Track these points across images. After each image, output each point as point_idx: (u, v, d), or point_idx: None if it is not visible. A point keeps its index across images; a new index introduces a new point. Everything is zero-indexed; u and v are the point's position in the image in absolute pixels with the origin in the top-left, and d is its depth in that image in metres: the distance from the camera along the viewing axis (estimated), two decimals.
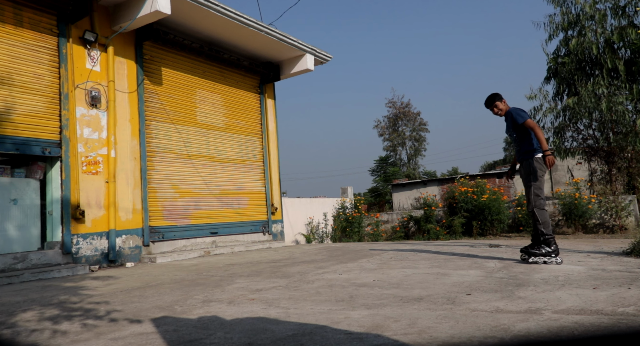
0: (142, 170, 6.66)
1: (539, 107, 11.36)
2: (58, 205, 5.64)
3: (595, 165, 11.48)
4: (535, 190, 4.41)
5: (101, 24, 6.32)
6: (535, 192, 4.41)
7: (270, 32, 7.90)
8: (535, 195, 4.40)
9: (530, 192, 4.45)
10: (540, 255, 4.35)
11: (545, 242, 4.35)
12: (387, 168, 46.84)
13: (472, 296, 2.95)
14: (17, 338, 2.45)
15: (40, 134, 5.56)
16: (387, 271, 4.34)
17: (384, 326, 2.30)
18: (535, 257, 4.38)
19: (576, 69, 11.10)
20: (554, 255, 4.33)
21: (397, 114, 48.55)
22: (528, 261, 4.42)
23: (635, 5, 10.35)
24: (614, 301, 2.62)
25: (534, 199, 4.40)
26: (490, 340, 1.99)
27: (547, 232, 4.33)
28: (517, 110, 4.58)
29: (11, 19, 5.44)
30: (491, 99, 4.76)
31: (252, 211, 8.59)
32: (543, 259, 4.33)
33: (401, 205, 25.98)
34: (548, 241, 4.34)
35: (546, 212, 4.42)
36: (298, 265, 5.18)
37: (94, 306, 3.22)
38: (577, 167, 17.81)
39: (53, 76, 5.77)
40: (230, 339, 2.23)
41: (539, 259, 4.35)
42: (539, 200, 4.40)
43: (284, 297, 3.25)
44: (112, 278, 4.78)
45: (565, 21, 11.23)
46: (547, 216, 4.39)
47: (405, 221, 11.02)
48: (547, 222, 4.37)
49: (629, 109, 10.17)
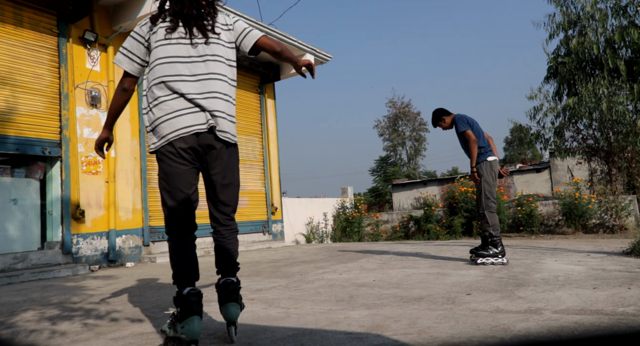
0: (142, 170, 6.66)
1: (539, 107, 11.35)
2: (58, 205, 5.64)
3: (595, 165, 11.47)
4: (486, 193, 4.58)
5: (101, 23, 6.32)
6: (486, 195, 4.58)
7: (270, 32, 7.90)
8: (486, 198, 4.57)
9: (481, 195, 4.61)
10: (488, 256, 4.50)
11: (493, 244, 4.52)
12: (387, 168, 46.84)
13: (472, 296, 2.95)
14: (17, 338, 2.45)
15: (41, 134, 5.56)
16: (387, 271, 4.34)
17: (384, 326, 2.30)
18: (483, 257, 4.52)
19: (577, 69, 11.10)
20: (501, 256, 4.49)
21: (397, 114, 48.55)
22: (477, 262, 4.54)
23: (637, 5, 10.34)
24: (614, 301, 2.61)
25: (485, 202, 4.57)
26: (490, 340, 1.99)
27: (496, 234, 4.51)
28: (462, 118, 4.72)
29: (11, 19, 5.44)
30: (436, 117, 4.92)
31: (252, 211, 8.60)
32: (491, 260, 4.48)
33: (401, 205, 25.98)
34: (495, 242, 4.51)
35: (496, 214, 4.61)
36: (298, 265, 5.18)
37: (94, 306, 3.22)
38: (577, 167, 17.82)
39: (53, 76, 5.77)
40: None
41: (487, 260, 4.49)
42: (490, 202, 4.57)
43: (284, 297, 3.25)
44: (113, 278, 4.79)
45: (565, 21, 11.22)
46: (496, 219, 4.59)
47: (405, 221, 11.02)
48: (496, 224, 4.55)
49: (629, 109, 10.17)
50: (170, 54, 2.04)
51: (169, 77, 2.01)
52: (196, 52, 2.05)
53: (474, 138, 4.54)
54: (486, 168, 4.60)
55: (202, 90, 2.02)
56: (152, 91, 2.06)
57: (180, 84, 2.01)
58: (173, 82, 2.01)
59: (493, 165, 4.61)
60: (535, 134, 11.70)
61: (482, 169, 4.60)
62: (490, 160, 4.62)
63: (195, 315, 1.87)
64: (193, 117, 2.00)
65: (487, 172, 4.59)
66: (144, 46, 2.11)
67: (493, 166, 4.61)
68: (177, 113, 2.00)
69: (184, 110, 2.00)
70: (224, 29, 2.15)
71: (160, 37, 2.05)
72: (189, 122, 1.99)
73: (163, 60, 2.04)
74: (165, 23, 2.06)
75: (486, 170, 4.60)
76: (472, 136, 4.55)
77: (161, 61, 2.04)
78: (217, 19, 2.15)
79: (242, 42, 2.18)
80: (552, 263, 4.37)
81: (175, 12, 2.05)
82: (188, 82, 2.02)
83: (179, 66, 2.03)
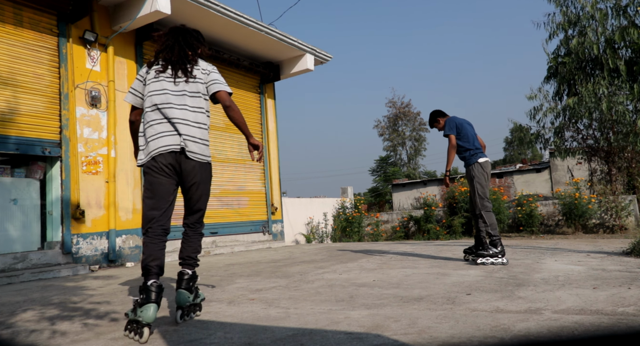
0: (142, 170, 6.65)
1: (539, 107, 11.35)
2: (58, 205, 5.64)
3: (595, 165, 11.47)
4: (480, 194, 4.62)
5: (101, 24, 6.32)
6: (479, 196, 4.62)
7: (270, 32, 7.90)
8: (480, 199, 4.62)
9: (475, 196, 4.66)
10: (488, 256, 4.51)
11: (492, 243, 4.55)
12: (387, 168, 46.84)
13: (472, 296, 2.95)
14: (17, 338, 2.45)
15: (41, 134, 5.56)
16: (387, 271, 4.34)
17: (384, 326, 2.30)
18: (483, 257, 4.53)
19: (577, 69, 11.10)
20: (501, 255, 4.50)
21: (397, 114, 48.54)
22: (476, 262, 4.55)
23: (637, 5, 10.34)
24: (614, 301, 2.62)
25: (480, 202, 4.61)
26: (490, 340, 1.99)
27: (494, 233, 4.54)
28: (450, 121, 4.80)
29: (11, 19, 5.43)
30: (431, 119, 5.04)
31: (252, 211, 8.60)
32: (491, 260, 4.49)
33: (401, 205, 25.98)
34: (495, 242, 4.53)
35: (493, 214, 4.64)
36: (298, 265, 5.18)
37: (94, 306, 3.22)
38: (577, 167, 17.81)
39: (53, 76, 5.77)
40: (230, 339, 2.23)
41: (487, 260, 4.50)
42: (485, 202, 4.61)
43: (284, 297, 3.25)
44: (113, 278, 4.79)
45: (565, 20, 11.22)
46: (493, 218, 4.61)
47: (405, 221, 11.02)
48: (494, 223, 4.58)
49: (629, 109, 10.16)
50: (163, 88, 2.61)
51: (162, 104, 2.58)
52: (180, 87, 2.63)
53: (454, 143, 4.67)
54: (477, 170, 4.66)
55: (182, 117, 2.57)
56: (146, 115, 2.63)
57: (168, 111, 2.57)
58: (165, 108, 2.57)
59: (484, 166, 4.68)
60: (535, 134, 11.70)
61: (474, 171, 4.67)
62: (481, 162, 4.69)
63: (153, 303, 2.31)
64: (171, 139, 2.54)
65: (479, 173, 4.65)
66: (142, 84, 2.71)
67: (484, 167, 4.67)
68: (160, 135, 2.55)
69: (166, 133, 2.55)
70: (203, 72, 2.71)
71: (153, 76, 2.66)
72: (168, 142, 2.53)
73: (156, 92, 2.61)
74: (158, 66, 2.68)
75: (478, 171, 4.66)
76: (452, 141, 4.68)
77: (155, 93, 2.61)
78: (199, 64, 2.73)
79: (207, 88, 2.72)
80: (552, 263, 4.37)
81: (165, 59, 2.69)
82: (175, 109, 2.57)
83: (169, 96, 2.60)
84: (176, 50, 2.68)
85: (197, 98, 2.65)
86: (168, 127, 2.54)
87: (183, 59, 2.68)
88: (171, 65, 2.65)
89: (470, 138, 4.74)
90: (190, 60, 2.69)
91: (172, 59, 2.66)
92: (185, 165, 2.55)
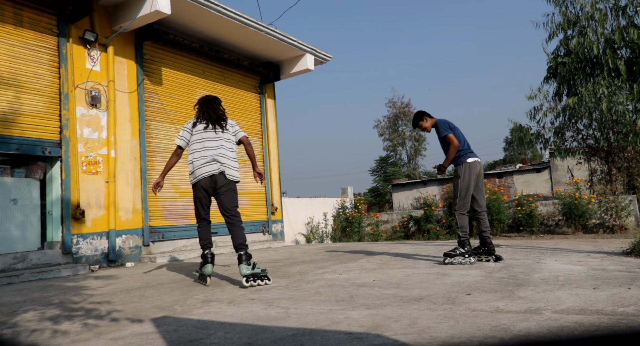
0: (142, 170, 6.66)
1: (539, 107, 11.34)
2: (58, 205, 5.64)
3: (595, 165, 11.47)
4: (461, 193, 4.73)
5: (101, 24, 6.32)
6: (460, 195, 4.73)
7: (270, 32, 7.90)
8: (460, 198, 4.73)
9: (456, 194, 4.77)
10: (456, 256, 4.62)
11: (460, 244, 4.67)
12: (387, 168, 46.83)
13: (472, 296, 2.95)
14: (18, 338, 2.45)
15: (41, 134, 5.56)
16: (387, 271, 4.35)
17: (384, 326, 2.31)
18: (450, 257, 4.63)
19: (576, 69, 11.09)
20: (467, 255, 4.62)
21: (397, 114, 48.53)
22: (444, 262, 4.63)
23: (636, 6, 10.34)
24: (614, 301, 2.62)
25: (458, 202, 4.74)
26: (490, 340, 1.99)
27: (463, 235, 4.67)
28: (443, 123, 4.91)
29: (11, 19, 5.44)
30: (416, 118, 5.13)
31: (252, 211, 8.60)
32: (459, 259, 4.60)
33: (401, 205, 25.98)
34: (463, 242, 4.66)
35: (465, 216, 4.75)
36: (298, 265, 5.18)
37: (94, 306, 3.22)
38: (577, 167, 17.80)
39: (53, 76, 5.77)
40: (230, 339, 2.23)
41: (455, 259, 4.60)
42: (462, 202, 4.72)
43: (284, 297, 3.25)
44: (113, 278, 4.79)
45: (565, 21, 11.22)
46: (465, 221, 4.73)
47: (405, 221, 11.02)
48: (464, 225, 4.70)
49: (629, 109, 10.15)
50: (205, 137, 4.08)
51: (205, 148, 4.04)
52: (217, 136, 4.10)
53: (457, 143, 4.75)
54: (465, 170, 4.74)
55: (218, 153, 4.03)
56: (195, 152, 4.06)
57: (208, 151, 4.03)
58: (205, 149, 4.03)
59: (472, 166, 4.74)
60: (535, 134, 11.70)
61: (460, 170, 4.76)
62: (469, 162, 4.75)
63: (209, 264, 3.94)
64: (210, 167, 3.99)
65: (466, 172, 4.73)
66: (189, 134, 4.15)
67: (472, 167, 4.74)
68: (202, 165, 4.00)
69: (207, 164, 4.00)
70: (231, 126, 4.24)
71: (200, 129, 4.11)
72: (208, 169, 3.99)
73: (202, 139, 4.08)
74: (202, 124, 4.13)
75: (465, 171, 4.74)
76: (454, 141, 4.75)
77: (200, 139, 4.08)
78: (229, 121, 4.26)
79: (235, 135, 4.24)
80: (552, 263, 4.37)
81: (207, 118, 4.15)
82: (212, 150, 4.03)
83: (209, 142, 4.06)
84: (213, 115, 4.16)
85: (228, 142, 4.13)
86: (209, 160, 3.99)
87: (220, 117, 4.19)
88: (211, 122, 4.13)
89: (462, 139, 4.86)
90: (224, 118, 4.22)
91: (212, 118, 4.13)
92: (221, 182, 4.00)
